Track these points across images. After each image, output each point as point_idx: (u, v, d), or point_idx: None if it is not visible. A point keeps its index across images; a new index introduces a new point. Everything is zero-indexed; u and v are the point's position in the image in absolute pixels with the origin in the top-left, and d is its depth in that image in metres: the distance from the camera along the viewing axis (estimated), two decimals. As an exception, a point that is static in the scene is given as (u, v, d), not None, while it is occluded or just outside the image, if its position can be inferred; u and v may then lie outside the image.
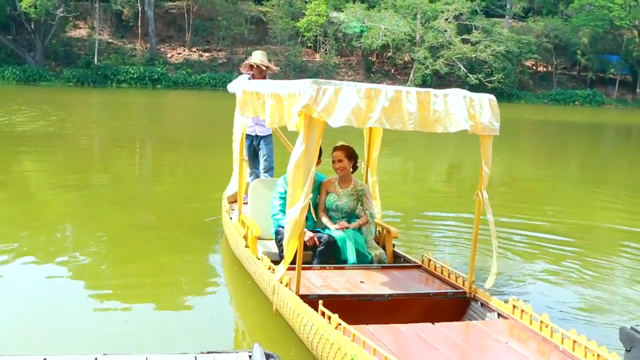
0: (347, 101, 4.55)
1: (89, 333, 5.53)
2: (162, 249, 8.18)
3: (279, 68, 11.31)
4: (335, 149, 6.64)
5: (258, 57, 8.79)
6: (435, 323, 4.87)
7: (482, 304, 5.42)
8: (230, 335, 5.92)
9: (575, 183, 16.70)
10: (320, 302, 4.79)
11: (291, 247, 5.09)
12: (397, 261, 6.67)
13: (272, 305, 5.61)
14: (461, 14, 51.20)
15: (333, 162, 6.60)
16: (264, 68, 8.71)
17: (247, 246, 6.64)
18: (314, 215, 6.64)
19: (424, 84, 48.49)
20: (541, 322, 4.71)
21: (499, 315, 5.16)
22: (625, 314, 6.80)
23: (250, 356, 3.52)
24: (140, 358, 3.52)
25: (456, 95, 4.91)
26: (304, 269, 5.76)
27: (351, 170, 6.70)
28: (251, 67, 8.72)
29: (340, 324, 4.44)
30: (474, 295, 5.54)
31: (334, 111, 4.55)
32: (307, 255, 6.31)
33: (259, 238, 6.65)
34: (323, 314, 4.68)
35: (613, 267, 8.58)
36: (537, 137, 30.42)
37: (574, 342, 4.37)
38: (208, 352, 3.61)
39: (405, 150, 20.85)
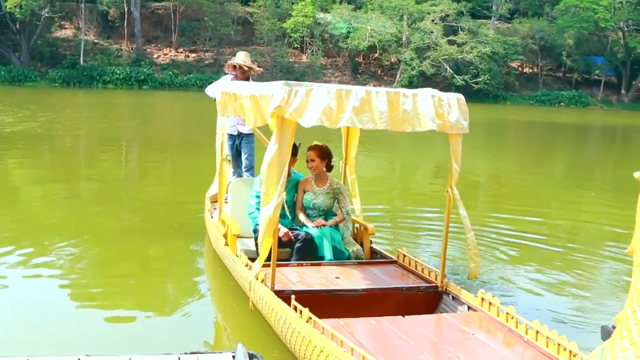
0: (318, 102, 4.67)
1: (72, 334, 5.59)
2: (147, 250, 8.25)
3: (262, 69, 11.40)
4: (309, 148, 6.82)
5: (241, 58, 8.91)
6: (406, 316, 5.02)
7: (453, 298, 5.57)
8: (214, 336, 6.01)
9: (560, 183, 16.86)
10: (293, 296, 4.92)
11: (266, 244, 5.20)
12: (375, 257, 6.82)
13: (249, 301, 5.72)
14: (447, 15, 51.38)
15: (307, 161, 6.79)
16: (247, 69, 8.83)
17: (226, 244, 6.77)
18: (288, 213, 6.75)
19: (410, 84, 48.64)
20: (507, 314, 4.87)
21: (469, 308, 5.32)
22: (608, 313, 6.92)
23: (233, 356, 3.59)
24: (123, 359, 3.57)
25: (425, 95, 5.06)
26: (281, 265, 5.95)
27: (325, 169, 6.86)
28: (234, 67, 8.84)
29: (310, 318, 4.56)
30: (446, 289, 5.69)
31: (305, 112, 4.67)
32: (285, 252, 6.48)
33: (239, 236, 6.78)
34: (295, 308, 4.80)
35: (596, 266, 8.72)
36: (523, 138, 30.61)
37: (537, 332, 4.51)
38: (191, 353, 3.67)
39: (392, 149, 21.04)
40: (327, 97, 4.68)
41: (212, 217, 7.84)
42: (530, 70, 58.54)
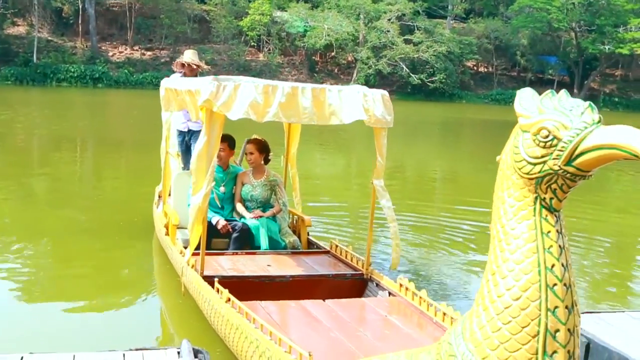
0: (245, 97, 4.85)
1: (17, 332, 5.64)
2: (97, 247, 8.30)
3: (209, 67, 11.52)
4: (248, 142, 7.08)
5: (189, 56, 9.08)
6: (326, 300, 5.28)
7: (377, 284, 5.84)
8: (160, 332, 6.14)
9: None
10: (216, 279, 5.16)
11: (195, 231, 5.44)
12: (311, 248, 7.07)
13: (182, 286, 5.94)
14: (404, 15, 51.86)
15: (245, 154, 7.08)
16: (195, 67, 8.98)
17: (167, 234, 6.99)
18: (218, 203, 6.97)
19: (367, 83, 48.75)
20: (420, 297, 5.14)
21: (390, 293, 5.58)
22: None
23: (178, 352, 3.64)
24: (67, 356, 3.59)
25: (350, 90, 5.34)
26: (217, 254, 6.27)
27: (263, 162, 7.11)
28: (183, 65, 8.98)
29: (230, 299, 4.75)
30: (370, 277, 5.97)
31: (232, 106, 4.85)
32: (223, 242, 6.77)
33: (179, 227, 6.94)
34: (218, 290, 5.02)
35: None
36: (478, 136, 31.12)
37: (444, 313, 4.79)
38: (137, 349, 3.71)
39: (347, 147, 21.27)
40: (255, 92, 4.87)
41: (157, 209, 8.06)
42: (485, 70, 59.37)
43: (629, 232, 11.71)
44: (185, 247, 6.16)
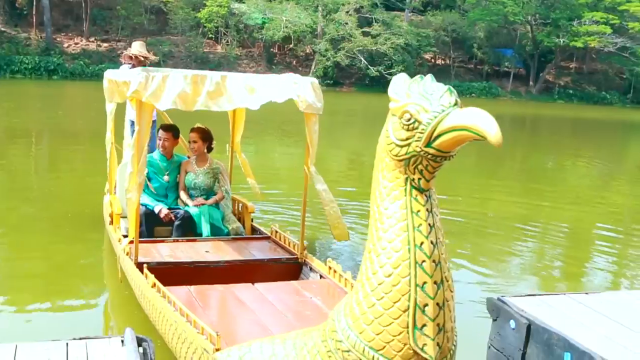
0: (174, 87, 4.96)
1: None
2: (45, 240, 8.34)
3: (157, 58, 11.58)
4: (192, 130, 7.22)
5: (137, 48, 9.18)
6: (256, 283, 5.39)
7: (310, 268, 6.02)
8: (104, 322, 6.22)
9: (471, 172, 17.49)
10: (145, 265, 5.29)
11: (131, 219, 5.47)
12: (255, 234, 7.19)
13: (118, 273, 6.06)
14: (362, 7, 51.99)
15: (189, 142, 7.17)
16: (143, 59, 9.04)
17: (111, 223, 7.09)
18: (152, 189, 7.10)
19: (325, 75, 49.18)
20: (346, 279, 5.33)
21: (321, 276, 5.75)
22: (501, 286, 7.49)
23: (122, 341, 3.63)
24: (9, 347, 3.54)
25: (281, 77, 5.50)
26: (159, 242, 6.40)
27: (205, 150, 7.25)
28: (131, 57, 9.03)
29: (155, 284, 4.86)
30: (305, 260, 6.16)
31: (162, 96, 4.96)
32: (166, 230, 6.91)
33: (123, 216, 7.02)
34: (147, 277, 5.15)
35: (500, 248, 9.35)
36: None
37: None
38: (80, 339, 3.68)
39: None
40: (183, 82, 4.99)
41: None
42: (443, 62, 59.85)
43: (584, 219, 12.10)
44: (126, 236, 6.26)
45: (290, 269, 6.15)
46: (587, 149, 25.51)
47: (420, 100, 2.82)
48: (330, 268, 5.63)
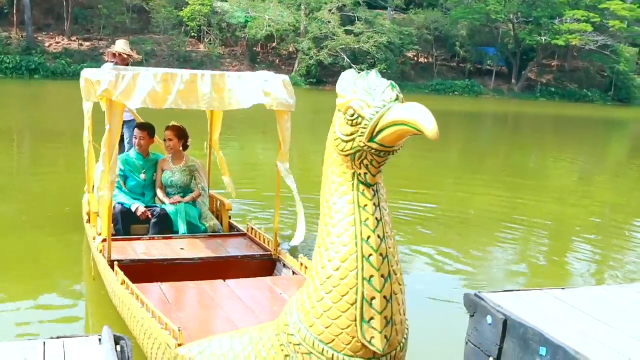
0: (144, 85, 4.99)
1: None
2: (25, 240, 8.32)
3: (140, 56, 11.56)
4: (167, 128, 7.26)
5: (121, 46, 9.25)
6: (227, 280, 5.41)
7: (284, 264, 6.05)
8: (82, 321, 6.20)
9: (453, 169, 17.55)
10: (116, 263, 5.30)
11: (103, 217, 5.48)
12: (232, 231, 7.22)
13: (92, 270, 6.12)
14: (345, 6, 51.98)
15: (164, 140, 7.18)
16: (126, 57, 9.10)
17: (88, 221, 7.11)
18: (124, 187, 7.09)
19: (308, 74, 49.24)
20: None
21: (293, 272, 5.79)
22: (482, 282, 7.55)
23: (100, 339, 3.63)
24: None
25: (251, 76, 5.52)
26: (135, 239, 6.41)
27: (181, 148, 7.29)
28: (114, 55, 9.07)
29: (124, 281, 4.87)
30: (279, 257, 6.20)
31: (132, 95, 4.98)
32: (143, 228, 6.94)
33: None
34: (118, 274, 5.19)
35: (481, 244, 9.43)
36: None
37: None
38: (57, 338, 3.67)
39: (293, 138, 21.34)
40: (153, 80, 5.01)
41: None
42: (426, 60, 59.97)
43: (566, 215, 12.19)
44: (101, 234, 6.27)
45: (264, 266, 6.18)
46: (569, 146, 25.72)
47: (364, 96, 2.86)
48: (302, 264, 5.67)
